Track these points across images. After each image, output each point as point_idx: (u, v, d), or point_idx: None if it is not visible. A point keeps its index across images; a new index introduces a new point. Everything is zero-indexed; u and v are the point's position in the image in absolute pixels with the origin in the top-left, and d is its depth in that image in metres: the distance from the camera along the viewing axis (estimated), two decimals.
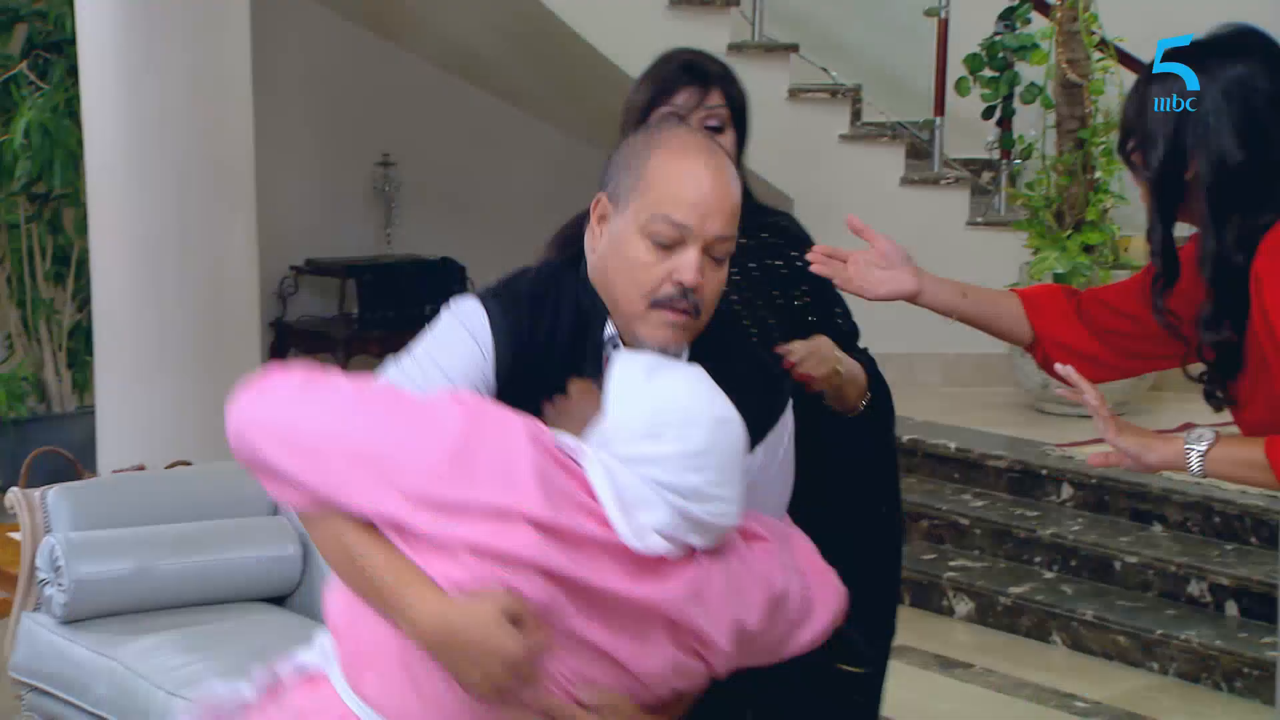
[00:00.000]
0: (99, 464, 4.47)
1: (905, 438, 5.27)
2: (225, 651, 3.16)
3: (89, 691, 3.23)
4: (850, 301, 2.39)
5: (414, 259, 6.54)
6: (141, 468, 3.91)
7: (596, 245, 1.89)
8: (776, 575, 1.82)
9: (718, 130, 2.29)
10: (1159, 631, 4.34)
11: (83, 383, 5.48)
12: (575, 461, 1.76)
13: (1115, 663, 4.40)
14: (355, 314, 6.39)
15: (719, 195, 1.83)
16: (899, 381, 2.58)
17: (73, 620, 3.34)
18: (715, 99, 2.30)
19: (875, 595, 2.36)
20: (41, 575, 3.38)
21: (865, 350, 2.44)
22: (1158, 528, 4.76)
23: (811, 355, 2.24)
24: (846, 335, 2.40)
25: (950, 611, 4.79)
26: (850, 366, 2.30)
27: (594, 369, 1.87)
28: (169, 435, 4.35)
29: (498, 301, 1.90)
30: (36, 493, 3.49)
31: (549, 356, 1.88)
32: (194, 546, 3.47)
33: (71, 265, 5.49)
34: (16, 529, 3.59)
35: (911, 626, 4.54)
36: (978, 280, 2.35)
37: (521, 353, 1.87)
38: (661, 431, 1.73)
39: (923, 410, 5.75)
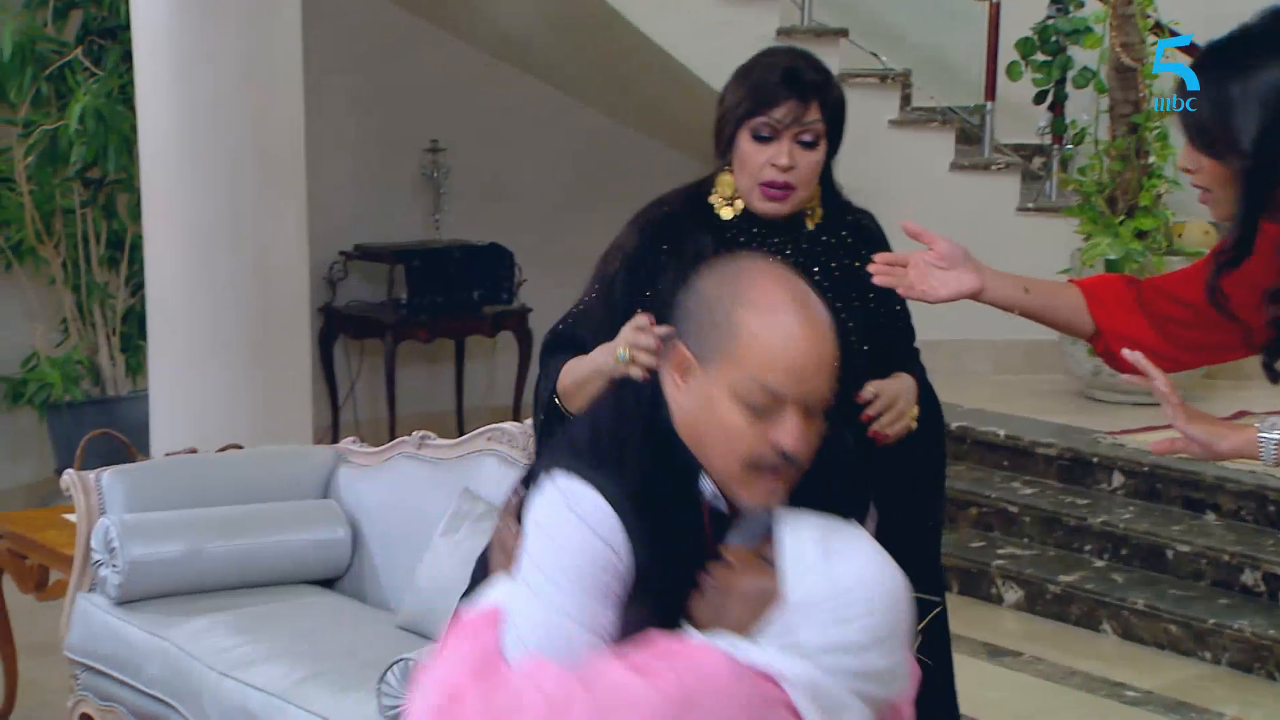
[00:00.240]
0: (152, 447, 4.51)
1: (954, 425, 5.24)
2: (276, 633, 3.19)
3: (142, 671, 3.27)
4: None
5: (462, 244, 6.55)
6: (194, 451, 3.95)
7: (678, 397, 1.74)
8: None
9: (810, 146, 2.30)
10: (1211, 621, 4.30)
11: (136, 366, 5.53)
12: (773, 682, 1.65)
13: (1167, 652, 4.37)
14: (404, 299, 6.41)
15: (817, 355, 1.69)
16: (948, 369, 2.59)
17: (127, 601, 3.38)
18: (813, 113, 2.30)
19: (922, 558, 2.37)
20: (96, 556, 3.42)
21: (918, 352, 2.47)
22: (1211, 516, 4.71)
23: (891, 409, 2.28)
24: (908, 339, 2.44)
25: (999, 600, 4.77)
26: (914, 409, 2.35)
27: (696, 531, 1.75)
28: (221, 419, 4.38)
29: (616, 490, 1.71)
30: (91, 475, 3.53)
31: (660, 523, 1.73)
32: (245, 529, 3.51)
33: (125, 250, 5.54)
34: (72, 510, 3.63)
35: (960, 614, 4.50)
36: (1029, 268, 2.34)
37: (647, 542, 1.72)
38: (849, 616, 1.66)
39: (972, 398, 5.72)
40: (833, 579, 1.67)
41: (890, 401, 2.29)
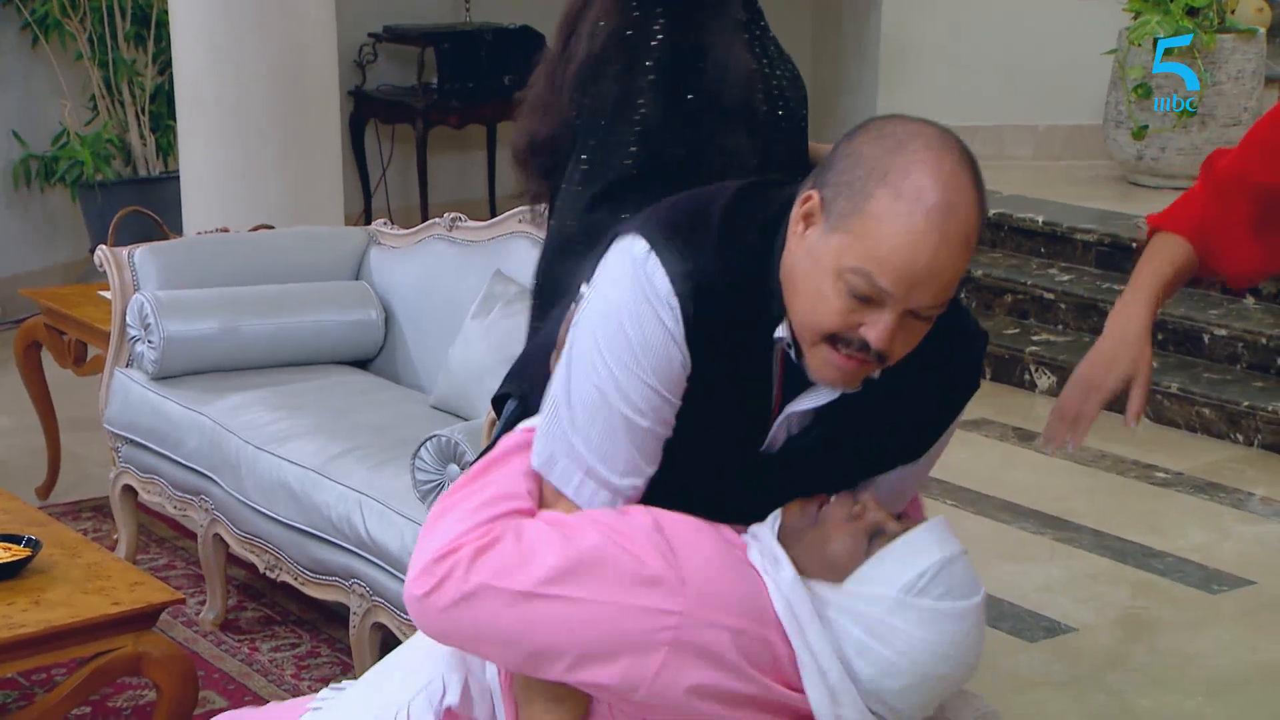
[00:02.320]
0: (185, 228, 4.50)
1: (992, 211, 5.18)
2: (311, 410, 3.22)
3: (181, 445, 3.32)
4: (950, 70, 2.25)
5: (493, 27, 6.41)
6: (225, 230, 3.94)
7: (793, 241, 1.61)
8: None
9: None
10: (1245, 403, 4.29)
11: (167, 147, 5.49)
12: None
13: (1199, 435, 4.38)
14: (434, 84, 6.31)
15: (940, 268, 1.54)
16: (988, 155, 2.52)
17: (163, 377, 3.41)
18: None
19: None
20: (132, 332, 3.44)
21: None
22: (1250, 300, 4.67)
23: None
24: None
25: (1031, 386, 4.77)
26: None
27: (760, 366, 1.66)
28: (251, 201, 4.36)
29: (694, 292, 1.60)
30: (124, 251, 3.53)
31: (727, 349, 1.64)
32: (278, 308, 3.51)
33: (151, 26, 5.45)
34: (106, 288, 3.64)
35: (990, 400, 4.54)
36: (1076, 49, 2.19)
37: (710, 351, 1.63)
38: (887, 668, 1.62)
39: (1011, 184, 5.63)
40: (899, 631, 1.62)
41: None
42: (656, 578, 1.59)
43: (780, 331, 1.63)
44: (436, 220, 3.62)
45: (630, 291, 1.61)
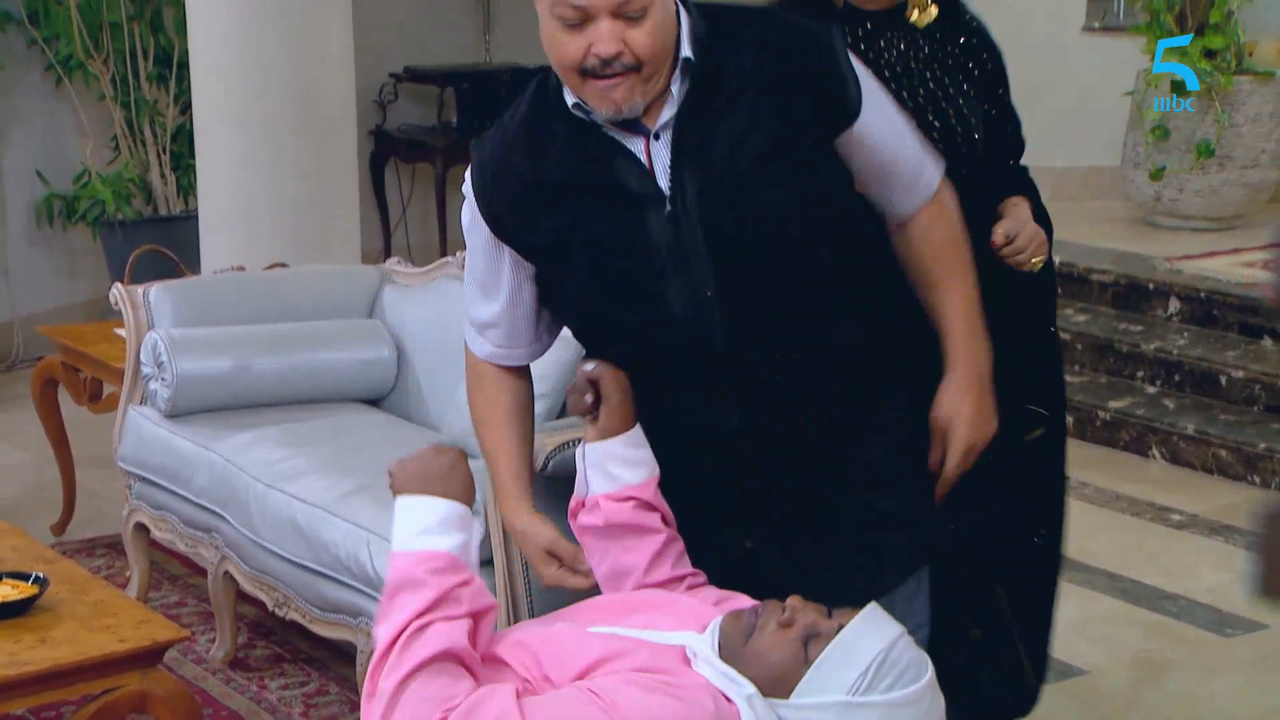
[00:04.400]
0: (202, 266, 4.54)
1: None
2: (321, 448, 3.22)
3: (192, 482, 3.33)
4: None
5: (513, 67, 6.45)
6: (241, 269, 3.96)
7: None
8: None
9: None
10: (1263, 445, 4.26)
11: (188, 186, 5.53)
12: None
13: (1215, 477, 4.35)
14: (454, 123, 6.35)
15: None
16: None
17: (176, 414, 3.43)
18: None
19: (1037, 374, 2.43)
20: (146, 370, 3.46)
21: (1027, 170, 2.46)
22: (1267, 342, 4.64)
23: (1027, 247, 2.27)
24: (1018, 155, 2.44)
25: None
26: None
27: (571, 141, 1.88)
28: (270, 239, 4.39)
29: (478, 166, 1.98)
30: (139, 289, 3.55)
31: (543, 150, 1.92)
32: (290, 346, 3.53)
33: (173, 67, 5.51)
34: (123, 325, 3.67)
35: None
36: (1095, 88, 2.23)
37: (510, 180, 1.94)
38: None
39: None
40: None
41: (1027, 241, 2.29)
42: None
43: (568, 98, 1.87)
44: (449, 259, 3.63)
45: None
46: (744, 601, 1.80)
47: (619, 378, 1.95)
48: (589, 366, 1.96)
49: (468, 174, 1.98)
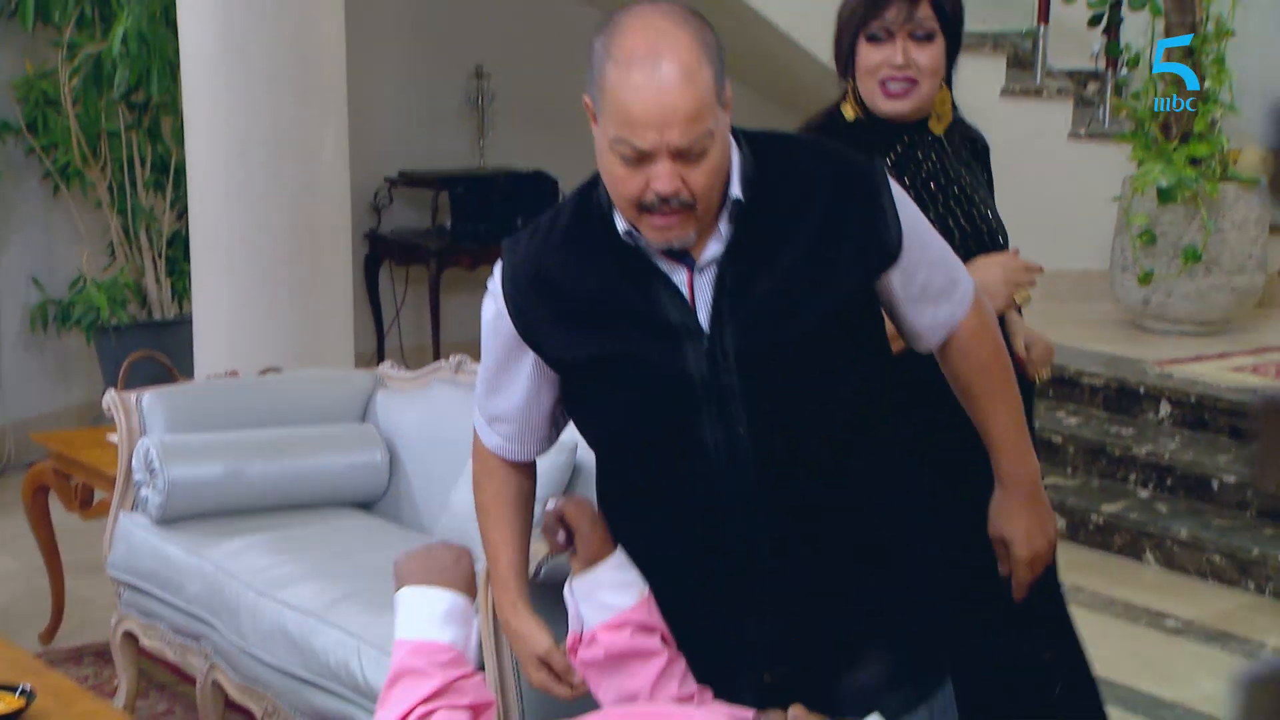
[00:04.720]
0: (196, 371, 4.54)
1: None
2: (312, 554, 3.21)
3: (182, 590, 3.31)
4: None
5: (507, 171, 6.53)
6: (234, 374, 3.97)
7: (596, 141, 1.85)
8: None
9: (925, 40, 2.31)
10: (1256, 551, 4.25)
11: (183, 290, 5.56)
12: None
13: (1210, 582, 4.33)
14: (448, 226, 6.40)
15: (669, 107, 1.75)
16: None
17: (167, 521, 3.42)
18: (924, 10, 2.32)
19: None
20: (137, 477, 3.46)
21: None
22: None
23: (1046, 351, 2.46)
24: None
25: None
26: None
27: (616, 263, 1.88)
28: (263, 344, 4.40)
29: (510, 271, 1.97)
30: (132, 396, 3.56)
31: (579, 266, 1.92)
32: (283, 451, 3.53)
33: (170, 174, 5.55)
34: (115, 431, 3.66)
35: None
36: (1080, 195, 2.30)
37: (538, 276, 1.93)
38: None
39: None
40: None
41: (1043, 351, 2.45)
42: None
43: (619, 224, 1.86)
44: (442, 363, 3.65)
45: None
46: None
47: (582, 505, 1.96)
48: (550, 504, 1.98)
49: (497, 271, 1.96)
